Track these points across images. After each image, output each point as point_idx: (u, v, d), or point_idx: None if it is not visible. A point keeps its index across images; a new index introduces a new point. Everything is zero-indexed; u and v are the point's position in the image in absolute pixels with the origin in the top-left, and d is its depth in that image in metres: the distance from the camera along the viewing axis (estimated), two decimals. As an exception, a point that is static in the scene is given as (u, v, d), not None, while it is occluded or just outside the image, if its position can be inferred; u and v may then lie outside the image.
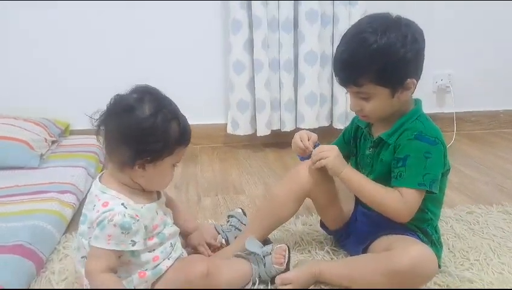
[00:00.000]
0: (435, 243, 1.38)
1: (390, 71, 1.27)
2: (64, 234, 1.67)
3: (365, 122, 1.46)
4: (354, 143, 1.53)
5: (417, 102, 1.41)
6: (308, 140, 1.44)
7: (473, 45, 2.93)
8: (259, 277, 1.36)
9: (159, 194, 1.31)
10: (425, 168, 1.27)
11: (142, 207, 1.20)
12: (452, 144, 2.75)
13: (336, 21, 2.58)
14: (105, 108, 1.18)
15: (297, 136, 1.46)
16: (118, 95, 1.19)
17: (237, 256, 1.40)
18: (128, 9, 2.56)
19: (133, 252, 1.17)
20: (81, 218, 1.23)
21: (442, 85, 2.96)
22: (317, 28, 2.53)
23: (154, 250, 1.23)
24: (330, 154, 1.36)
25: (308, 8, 2.51)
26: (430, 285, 1.35)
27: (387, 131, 1.36)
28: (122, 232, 1.12)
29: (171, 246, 1.28)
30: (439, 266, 1.38)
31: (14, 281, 1.29)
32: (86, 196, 1.94)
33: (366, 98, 1.32)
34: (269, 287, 1.36)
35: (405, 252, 1.22)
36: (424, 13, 2.75)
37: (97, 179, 1.25)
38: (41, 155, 2.19)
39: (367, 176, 1.41)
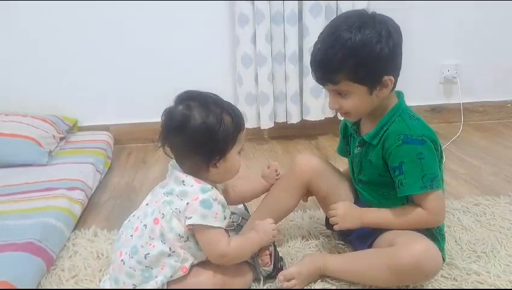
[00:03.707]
0: (435, 237, 1.36)
1: (366, 68, 1.26)
2: (73, 231, 1.69)
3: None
4: (345, 141, 1.54)
5: (399, 95, 1.39)
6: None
7: (479, 35, 2.90)
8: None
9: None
10: (422, 170, 1.26)
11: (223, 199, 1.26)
12: (459, 134, 2.74)
13: (340, 12, 2.55)
14: (160, 127, 1.23)
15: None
16: (166, 110, 1.23)
17: None
18: (136, 6, 2.57)
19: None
20: (166, 189, 1.25)
21: (449, 76, 2.94)
22: (321, 20, 2.53)
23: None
24: (338, 219, 1.38)
25: (313, 2, 2.52)
26: (436, 277, 1.35)
27: (369, 132, 1.36)
28: (223, 210, 1.22)
29: None
30: (444, 259, 1.38)
31: (24, 279, 1.31)
32: (95, 192, 2.00)
33: (344, 95, 1.32)
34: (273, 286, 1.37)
35: (408, 247, 1.23)
36: (429, 4, 2.76)
37: (174, 164, 1.28)
38: (50, 152, 2.21)
39: (358, 175, 1.43)
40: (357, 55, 1.24)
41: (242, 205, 1.71)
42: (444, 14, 2.81)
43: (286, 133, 2.75)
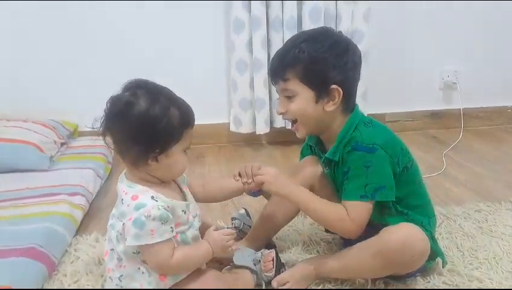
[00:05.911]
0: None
1: (315, 70, 1.30)
2: (74, 236, 1.69)
3: (314, 141, 1.48)
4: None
5: (353, 109, 1.39)
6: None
7: (479, 40, 2.91)
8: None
9: (184, 195, 1.30)
10: (366, 178, 1.26)
11: (171, 200, 1.19)
12: (460, 140, 2.75)
13: (339, 20, 2.57)
14: (103, 113, 1.18)
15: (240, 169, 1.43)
16: (112, 97, 1.18)
17: (233, 267, 1.39)
18: (132, 10, 2.58)
19: None
20: (112, 212, 1.24)
21: (449, 81, 2.95)
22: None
23: None
24: (266, 178, 1.35)
25: (312, 7, 2.52)
26: (439, 285, 1.36)
27: (331, 150, 1.37)
28: (162, 223, 1.13)
29: None
30: (445, 262, 1.40)
31: (26, 284, 1.31)
32: (96, 197, 1.99)
33: (290, 97, 1.34)
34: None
35: (394, 230, 1.24)
36: (428, 9, 2.77)
37: (122, 175, 1.24)
38: (51, 157, 2.21)
39: (336, 194, 1.42)
40: (311, 56, 1.29)
41: (243, 210, 1.71)
42: (444, 19, 2.83)
43: (284, 138, 2.75)
